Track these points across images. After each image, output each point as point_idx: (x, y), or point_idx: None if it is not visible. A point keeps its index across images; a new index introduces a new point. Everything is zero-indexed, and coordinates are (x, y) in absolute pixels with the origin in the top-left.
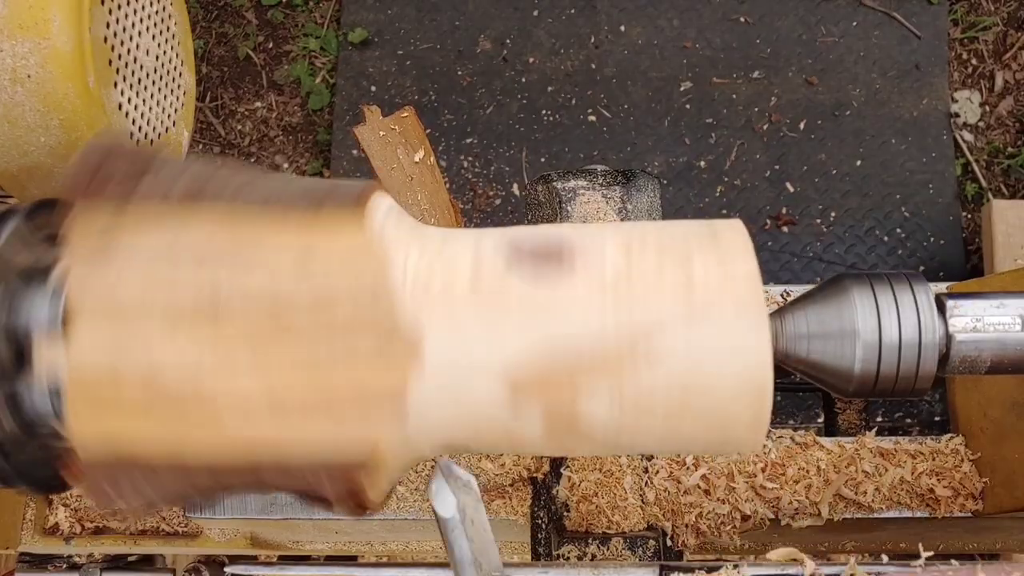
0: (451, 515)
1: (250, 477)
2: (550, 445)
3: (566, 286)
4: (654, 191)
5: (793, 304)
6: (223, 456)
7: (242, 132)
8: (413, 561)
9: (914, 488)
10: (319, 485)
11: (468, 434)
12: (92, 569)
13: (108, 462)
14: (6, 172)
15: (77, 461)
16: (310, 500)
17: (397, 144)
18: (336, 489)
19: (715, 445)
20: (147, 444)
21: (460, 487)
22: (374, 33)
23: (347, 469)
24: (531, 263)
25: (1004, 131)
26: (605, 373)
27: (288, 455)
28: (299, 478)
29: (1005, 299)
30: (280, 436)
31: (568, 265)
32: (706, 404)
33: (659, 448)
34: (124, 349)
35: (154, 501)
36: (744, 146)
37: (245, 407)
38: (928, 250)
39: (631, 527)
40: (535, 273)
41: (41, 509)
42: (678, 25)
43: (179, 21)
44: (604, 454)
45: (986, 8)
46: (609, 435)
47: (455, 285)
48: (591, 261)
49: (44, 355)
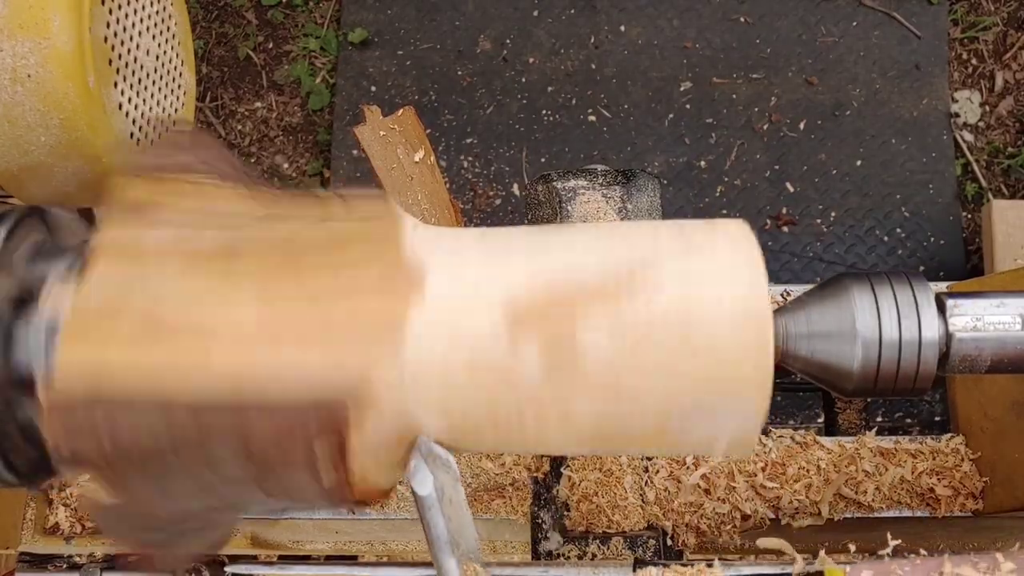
0: (428, 493)
1: (232, 417)
2: (546, 390)
3: (568, 228)
4: (654, 191)
5: (793, 303)
6: (208, 386)
7: (242, 132)
8: (413, 561)
9: (914, 488)
10: (303, 422)
11: (464, 379)
12: (92, 569)
13: (87, 395)
14: (6, 171)
15: (53, 398)
16: (291, 453)
17: (397, 144)
18: (321, 422)
19: (720, 390)
20: (131, 372)
21: (439, 466)
22: (374, 33)
23: (335, 402)
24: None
25: (1004, 131)
26: (604, 304)
27: (276, 385)
28: (283, 416)
29: (1005, 298)
30: (271, 362)
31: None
32: (707, 336)
33: (661, 406)
34: (133, 286)
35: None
36: (744, 146)
37: (238, 334)
38: (928, 250)
39: (631, 527)
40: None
41: (41, 509)
42: (678, 25)
43: (179, 21)
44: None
45: (986, 8)
46: (609, 376)
47: (461, 235)
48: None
49: (52, 294)
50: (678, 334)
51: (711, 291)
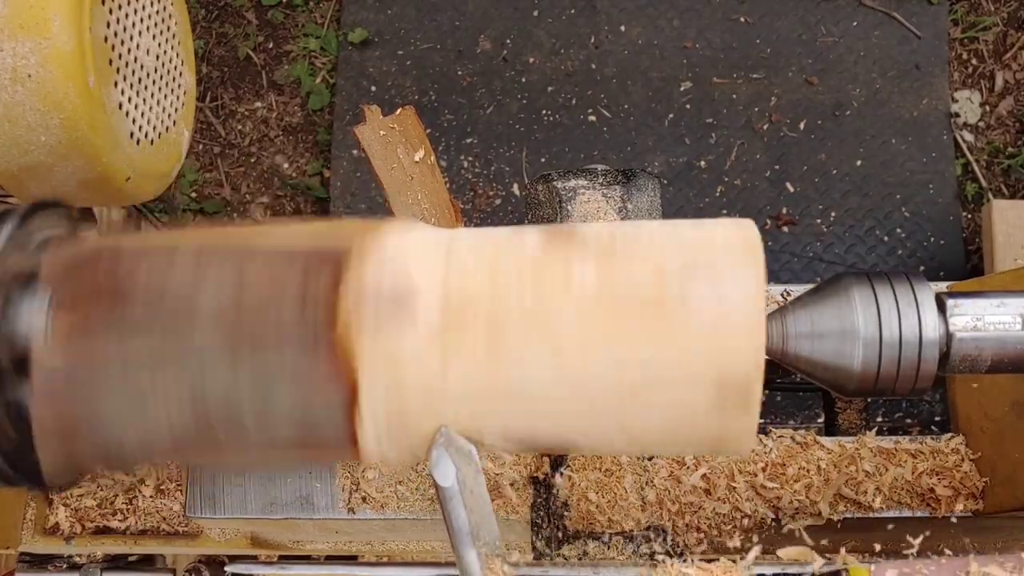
0: (450, 484)
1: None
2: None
3: None
4: (654, 191)
5: (794, 303)
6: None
7: (242, 132)
8: (413, 561)
9: (914, 488)
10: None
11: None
12: (92, 569)
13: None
14: (7, 171)
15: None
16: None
17: (397, 144)
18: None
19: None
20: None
21: (460, 456)
22: (374, 33)
23: (335, 252)
24: None
25: (1004, 131)
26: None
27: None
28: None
29: (1005, 298)
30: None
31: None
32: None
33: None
34: None
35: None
36: (744, 146)
37: None
38: (928, 250)
39: (631, 527)
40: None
41: (41, 509)
42: (678, 25)
43: (179, 21)
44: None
45: (986, 8)
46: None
47: None
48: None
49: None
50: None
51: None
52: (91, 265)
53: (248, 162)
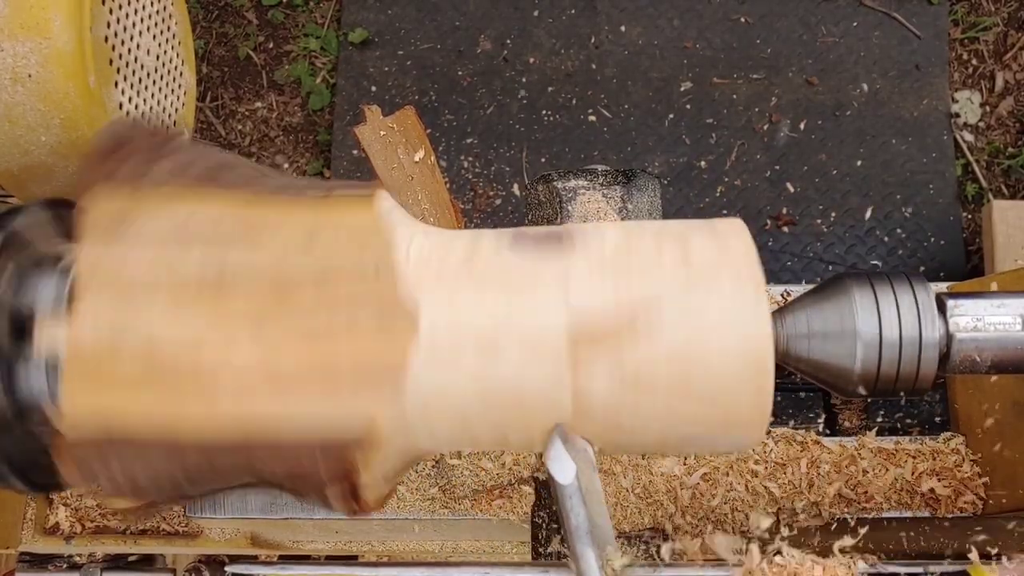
0: (569, 482)
1: (242, 457)
2: None
3: (566, 261)
4: (655, 191)
5: (794, 304)
6: (216, 431)
7: (242, 132)
8: (413, 561)
9: (915, 488)
10: (313, 466)
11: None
12: (92, 569)
13: (98, 439)
14: (7, 171)
15: (65, 442)
16: (304, 488)
17: (397, 144)
18: (330, 470)
19: (718, 429)
20: (140, 418)
21: (577, 453)
22: (374, 33)
23: (342, 447)
24: (533, 243)
25: (1004, 131)
26: (604, 347)
27: (282, 430)
28: (292, 458)
29: (1005, 299)
30: (276, 409)
31: (568, 244)
32: (707, 378)
33: (661, 436)
34: (126, 324)
35: (142, 486)
36: (744, 146)
37: (242, 380)
38: (928, 250)
39: (631, 527)
40: (536, 250)
41: (41, 509)
42: (678, 25)
43: (180, 21)
44: (605, 443)
45: (986, 8)
46: (609, 413)
47: (454, 262)
48: (591, 241)
49: (45, 331)
50: (679, 377)
51: (713, 337)
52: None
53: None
